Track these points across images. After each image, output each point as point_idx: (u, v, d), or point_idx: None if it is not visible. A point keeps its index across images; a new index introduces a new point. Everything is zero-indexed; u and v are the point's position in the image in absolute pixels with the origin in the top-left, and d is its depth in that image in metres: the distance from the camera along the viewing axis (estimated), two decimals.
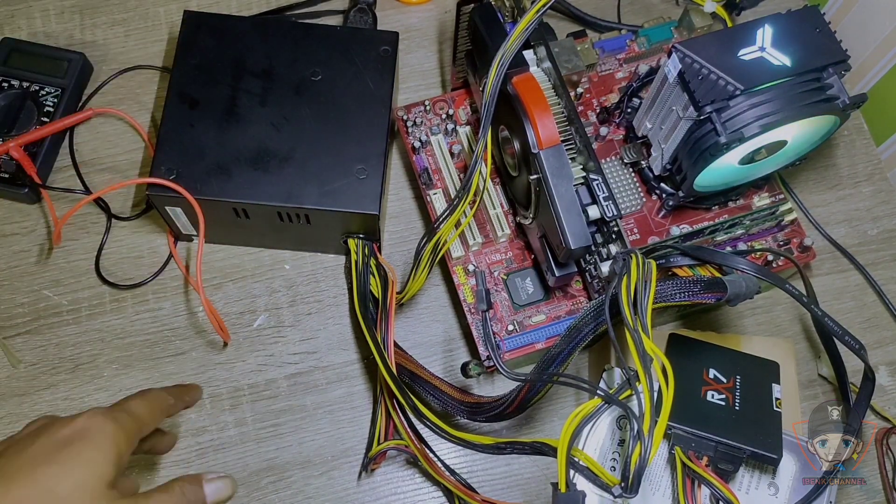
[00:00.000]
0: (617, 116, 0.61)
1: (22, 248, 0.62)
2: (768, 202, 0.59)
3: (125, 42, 0.69)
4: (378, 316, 0.56)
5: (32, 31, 0.68)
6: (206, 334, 0.60)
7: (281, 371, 0.60)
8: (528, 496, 0.57)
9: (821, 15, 0.50)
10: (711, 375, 0.50)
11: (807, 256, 0.58)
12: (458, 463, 0.57)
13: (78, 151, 0.65)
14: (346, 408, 0.59)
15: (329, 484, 0.57)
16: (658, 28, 0.64)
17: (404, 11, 0.71)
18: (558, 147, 0.50)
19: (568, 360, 0.47)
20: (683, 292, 0.44)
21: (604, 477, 0.44)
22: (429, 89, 0.68)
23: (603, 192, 0.50)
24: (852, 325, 0.62)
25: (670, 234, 0.57)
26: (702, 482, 0.46)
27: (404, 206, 0.65)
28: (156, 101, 0.67)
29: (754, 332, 0.61)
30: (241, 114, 0.56)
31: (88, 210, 0.63)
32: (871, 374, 0.51)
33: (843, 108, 0.50)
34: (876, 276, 0.63)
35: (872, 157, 0.68)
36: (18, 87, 0.64)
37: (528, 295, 0.57)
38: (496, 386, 0.60)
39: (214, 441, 0.58)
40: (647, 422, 0.41)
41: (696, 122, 0.49)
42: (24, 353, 0.59)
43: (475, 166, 0.51)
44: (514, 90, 0.51)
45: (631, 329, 0.42)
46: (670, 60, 0.49)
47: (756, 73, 0.48)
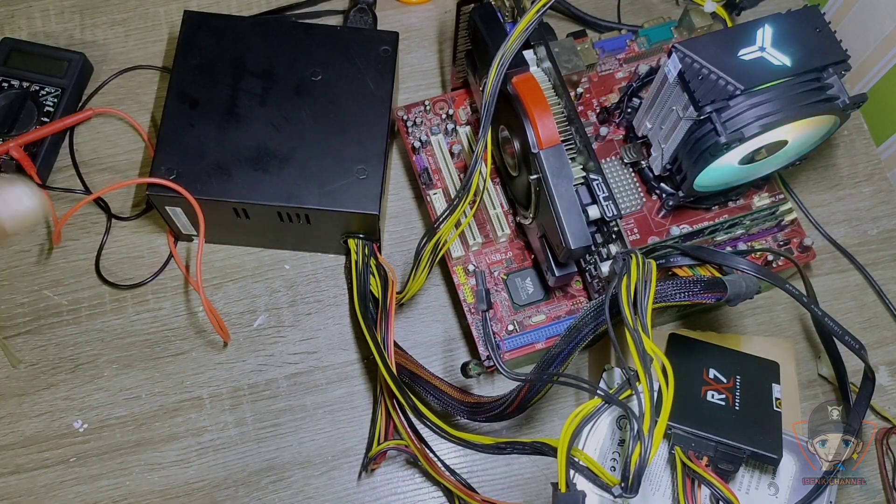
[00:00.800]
0: (617, 116, 0.61)
1: (22, 248, 0.62)
2: (768, 202, 0.59)
3: (125, 42, 0.69)
4: (378, 316, 0.56)
5: (32, 31, 0.68)
6: (206, 334, 0.60)
7: (281, 371, 0.60)
8: (528, 496, 0.57)
9: (821, 15, 0.50)
10: (711, 375, 0.50)
11: (807, 256, 0.58)
12: (458, 463, 0.57)
13: (78, 151, 0.65)
14: (346, 408, 0.59)
15: (329, 484, 0.57)
16: (658, 28, 0.64)
17: (404, 11, 0.71)
18: (558, 147, 0.50)
19: (568, 360, 0.47)
20: (683, 292, 0.44)
21: (604, 477, 0.44)
22: (429, 89, 0.68)
23: (603, 192, 0.50)
24: (852, 325, 0.62)
25: (670, 234, 0.57)
26: (702, 482, 0.46)
27: (404, 206, 0.65)
28: (156, 101, 0.67)
29: (754, 332, 0.61)
30: (242, 114, 0.56)
31: (88, 210, 0.63)
32: (871, 374, 0.51)
33: (843, 108, 0.50)
34: (876, 276, 0.63)
35: (872, 157, 0.68)
36: (18, 87, 0.64)
37: (528, 295, 0.57)
38: (496, 386, 0.60)
39: (214, 441, 0.58)
40: (647, 422, 0.41)
41: (696, 122, 0.49)
42: (24, 353, 0.59)
43: (475, 166, 0.51)
44: (514, 90, 0.51)
45: (631, 329, 0.42)
46: (670, 60, 0.49)
47: (756, 73, 0.48)
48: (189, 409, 0.58)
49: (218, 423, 0.58)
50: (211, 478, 0.57)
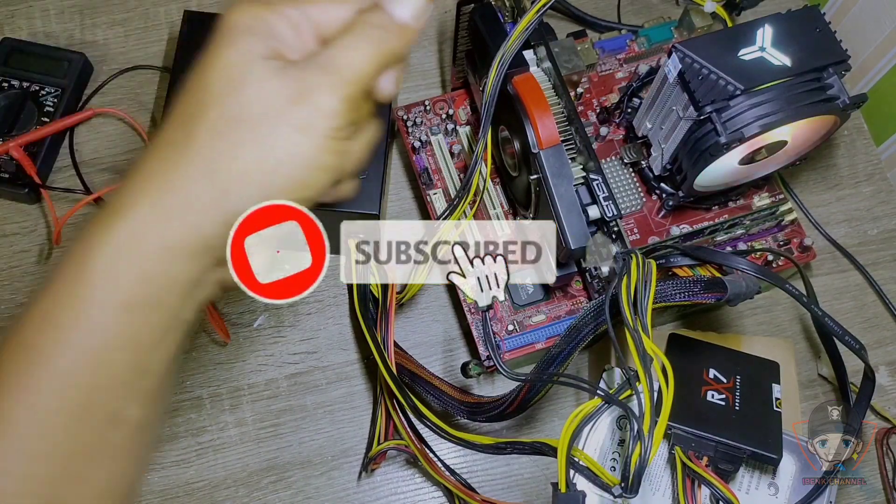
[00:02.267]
0: (617, 116, 0.60)
1: (22, 248, 0.62)
2: (768, 202, 0.59)
3: (125, 42, 0.69)
4: (378, 316, 0.55)
5: (32, 31, 0.68)
6: (206, 334, 0.60)
7: (281, 371, 0.60)
8: (528, 496, 0.57)
9: (821, 15, 0.50)
10: (711, 375, 0.50)
11: (807, 256, 0.58)
12: (458, 463, 0.57)
13: (78, 151, 0.65)
14: (346, 408, 0.59)
15: (329, 484, 0.57)
16: (658, 28, 0.64)
17: None
18: (558, 147, 0.50)
19: (568, 360, 0.47)
20: (683, 292, 0.44)
21: (604, 477, 0.44)
22: (429, 89, 0.68)
23: (603, 192, 0.50)
24: (852, 325, 0.62)
25: (670, 234, 0.57)
26: (702, 482, 0.46)
27: (404, 206, 0.65)
28: (156, 101, 0.67)
29: (754, 332, 0.61)
30: None
31: (88, 210, 0.63)
32: (871, 374, 0.51)
33: (843, 108, 0.50)
34: (876, 276, 0.63)
35: (872, 157, 0.68)
36: (18, 87, 0.64)
37: (528, 295, 0.57)
38: (496, 386, 0.60)
39: (214, 441, 0.58)
40: (647, 422, 0.41)
41: (696, 122, 0.49)
42: None
43: (475, 166, 0.51)
44: (514, 90, 0.51)
45: (631, 329, 0.42)
46: (670, 60, 0.49)
47: (756, 73, 0.48)
48: (189, 408, 0.58)
49: (218, 423, 0.58)
50: (211, 478, 0.57)
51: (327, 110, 0.32)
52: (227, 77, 0.33)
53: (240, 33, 0.33)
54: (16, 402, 0.31)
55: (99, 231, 0.31)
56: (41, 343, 0.31)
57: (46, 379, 0.31)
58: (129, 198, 0.32)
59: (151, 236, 0.31)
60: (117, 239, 0.31)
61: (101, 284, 0.31)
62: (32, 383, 0.31)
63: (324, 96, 0.32)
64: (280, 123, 0.32)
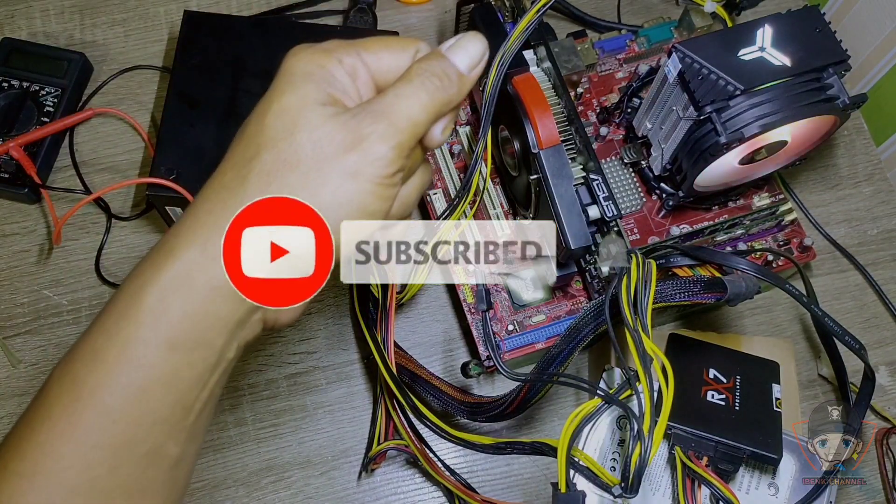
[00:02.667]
0: (617, 116, 0.60)
1: (22, 248, 0.62)
2: (768, 202, 0.59)
3: (125, 42, 0.69)
4: (378, 316, 0.55)
5: (32, 31, 0.68)
6: None
7: (281, 371, 0.60)
8: (528, 496, 0.57)
9: (821, 15, 0.50)
10: (711, 375, 0.50)
11: (807, 256, 0.58)
12: (458, 463, 0.57)
13: (78, 151, 0.65)
14: (346, 408, 0.59)
15: (329, 484, 0.57)
16: (658, 28, 0.64)
17: (404, 11, 0.71)
18: (558, 147, 0.50)
19: (568, 360, 0.47)
20: (683, 292, 0.44)
21: (604, 477, 0.44)
22: None
23: (603, 192, 0.50)
24: (852, 325, 0.62)
25: (670, 234, 0.57)
26: (702, 482, 0.46)
27: None
28: (156, 101, 0.67)
29: (754, 332, 0.61)
30: (242, 114, 0.56)
31: (88, 210, 0.63)
32: (871, 374, 0.51)
33: (843, 108, 0.50)
34: (876, 276, 0.63)
35: (872, 157, 0.68)
36: (18, 87, 0.64)
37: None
38: (496, 386, 0.60)
39: (214, 441, 0.58)
40: (647, 422, 0.41)
41: (696, 122, 0.49)
42: (24, 353, 0.59)
43: (475, 166, 0.51)
44: (514, 90, 0.51)
45: (631, 329, 0.42)
46: (670, 60, 0.49)
47: (756, 73, 0.48)
48: None
49: (218, 423, 0.58)
50: (211, 478, 0.57)
51: (379, 157, 0.33)
52: (282, 121, 0.33)
53: (299, 79, 0.34)
54: (61, 436, 0.31)
55: (150, 270, 0.32)
56: (89, 380, 0.32)
57: (92, 415, 0.31)
58: (181, 239, 0.32)
59: (200, 276, 0.32)
60: (166, 278, 0.32)
61: (148, 322, 0.32)
62: (77, 419, 0.31)
63: (376, 144, 0.33)
64: (331, 169, 0.32)
